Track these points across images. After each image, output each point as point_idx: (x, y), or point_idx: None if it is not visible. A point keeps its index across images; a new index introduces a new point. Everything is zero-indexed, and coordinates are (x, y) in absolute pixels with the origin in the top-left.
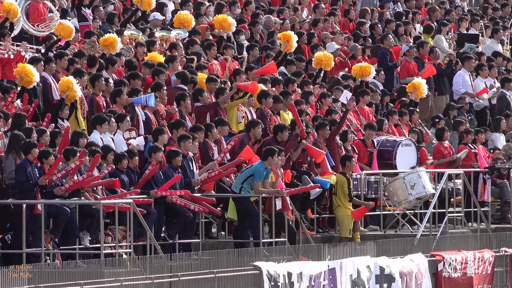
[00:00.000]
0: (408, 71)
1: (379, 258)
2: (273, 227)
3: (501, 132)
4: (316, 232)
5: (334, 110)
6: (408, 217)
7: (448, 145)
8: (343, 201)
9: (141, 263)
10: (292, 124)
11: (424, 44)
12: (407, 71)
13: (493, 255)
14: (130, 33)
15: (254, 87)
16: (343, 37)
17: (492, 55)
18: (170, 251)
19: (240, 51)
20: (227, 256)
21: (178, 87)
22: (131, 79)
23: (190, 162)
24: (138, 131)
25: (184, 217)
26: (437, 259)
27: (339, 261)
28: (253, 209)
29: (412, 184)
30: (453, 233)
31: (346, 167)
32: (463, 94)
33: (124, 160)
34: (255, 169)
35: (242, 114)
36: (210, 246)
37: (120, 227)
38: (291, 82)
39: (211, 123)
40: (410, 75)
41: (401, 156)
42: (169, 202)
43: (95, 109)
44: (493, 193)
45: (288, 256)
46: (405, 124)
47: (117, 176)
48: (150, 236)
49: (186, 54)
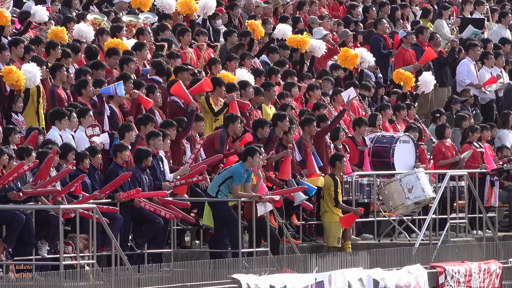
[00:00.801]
0: (405, 60)
1: (372, 270)
2: (254, 235)
3: (510, 129)
4: (302, 241)
5: (323, 105)
6: (405, 224)
7: (451, 144)
8: (331, 206)
9: (105, 275)
10: (274, 120)
11: (423, 29)
12: (403, 60)
13: (500, 267)
14: (93, 18)
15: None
16: (332, 22)
17: (500, 42)
18: (138, 262)
19: (216, 37)
20: (202, 268)
21: (152, 78)
22: (93, 69)
23: (160, 162)
24: (103, 127)
25: (154, 224)
26: (437, 271)
27: (328, 273)
28: (231, 215)
29: (409, 186)
30: (455, 241)
31: (336, 168)
32: (467, 86)
33: (86, 159)
34: (234, 170)
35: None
36: (183, 257)
37: (81, 236)
38: (274, 72)
39: (184, 118)
40: (406, 64)
41: (399, 154)
42: (137, 207)
43: (57, 103)
44: (501, 197)
45: (271, 267)
46: (402, 120)
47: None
48: (116, 245)
49: (156, 41)
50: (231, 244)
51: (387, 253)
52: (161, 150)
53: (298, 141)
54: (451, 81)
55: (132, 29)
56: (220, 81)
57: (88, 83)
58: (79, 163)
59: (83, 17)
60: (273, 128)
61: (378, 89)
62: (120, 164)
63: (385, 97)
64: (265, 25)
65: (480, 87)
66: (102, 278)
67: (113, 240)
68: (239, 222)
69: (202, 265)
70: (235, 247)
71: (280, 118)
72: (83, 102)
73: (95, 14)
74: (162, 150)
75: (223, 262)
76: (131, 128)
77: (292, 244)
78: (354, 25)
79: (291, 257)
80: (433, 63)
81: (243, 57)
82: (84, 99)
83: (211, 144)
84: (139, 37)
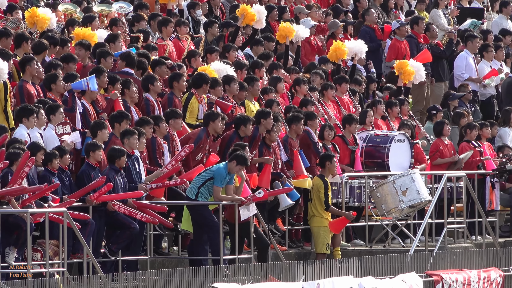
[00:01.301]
0: (398, 52)
1: (364, 278)
2: (237, 240)
3: (511, 127)
4: (288, 247)
5: (310, 101)
6: (399, 229)
7: (449, 142)
8: (319, 209)
9: (77, 284)
10: (258, 117)
11: (419, 20)
12: (397, 52)
13: (501, 275)
14: (65, 8)
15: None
16: (320, 12)
17: (500, 34)
18: (111, 270)
19: (196, 28)
20: (180, 276)
21: (123, 71)
22: (64, 62)
23: (135, 162)
24: (75, 124)
25: (129, 229)
26: (434, 279)
27: (316, 281)
28: (211, 220)
29: (404, 189)
30: (453, 248)
31: (326, 169)
32: (466, 80)
33: (55, 159)
34: (216, 171)
35: (205, 107)
36: (160, 264)
37: (51, 242)
38: (258, 66)
39: (160, 116)
40: (401, 57)
41: (394, 155)
42: (110, 211)
43: (26, 99)
44: (502, 200)
45: (255, 276)
46: (395, 117)
47: (46, 179)
48: (88, 252)
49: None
50: (212, 251)
51: (380, 260)
52: (136, 149)
53: (284, 140)
54: (449, 76)
55: (104, 19)
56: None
57: (58, 77)
58: (47, 164)
59: (54, 7)
60: (256, 126)
61: (369, 84)
62: (92, 165)
63: (377, 92)
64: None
65: (479, 82)
66: (73, 287)
67: (85, 246)
68: (221, 227)
69: (180, 273)
70: (216, 253)
71: (264, 116)
72: (53, 98)
73: (66, 4)
74: (137, 149)
75: (203, 270)
76: (104, 126)
77: (277, 250)
78: (344, 15)
79: (277, 265)
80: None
81: (227, 49)
82: (54, 95)
83: (187, 142)
84: (112, 28)
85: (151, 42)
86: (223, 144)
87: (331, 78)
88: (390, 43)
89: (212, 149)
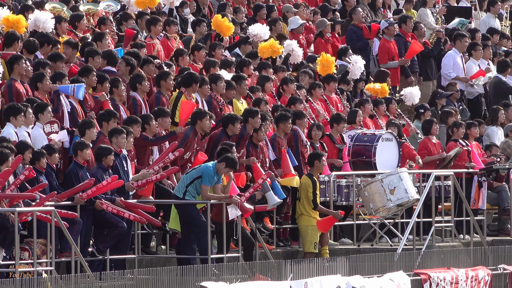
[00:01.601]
0: (389, 53)
1: (352, 277)
2: (224, 240)
3: (499, 126)
4: (276, 246)
5: (298, 99)
6: (387, 228)
7: (437, 141)
8: (308, 208)
9: (65, 283)
10: (246, 116)
11: (407, 19)
12: (388, 53)
13: (489, 274)
14: (52, 7)
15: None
16: (308, 11)
17: (488, 32)
18: (99, 269)
19: (184, 27)
20: (168, 275)
21: (105, 69)
22: (52, 61)
23: (123, 161)
24: (63, 123)
25: (117, 228)
26: (422, 278)
27: (304, 280)
28: (199, 219)
29: (391, 187)
30: (441, 247)
31: (315, 168)
32: (454, 79)
33: (43, 158)
34: (204, 170)
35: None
36: (148, 263)
37: (39, 240)
38: (246, 64)
39: (149, 114)
40: (391, 57)
41: (381, 153)
42: (98, 210)
43: (15, 98)
44: (489, 199)
45: (242, 274)
46: (383, 115)
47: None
48: (76, 251)
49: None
50: (200, 250)
51: (368, 259)
52: (124, 148)
53: (271, 139)
54: (436, 75)
55: (90, 18)
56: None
57: (44, 76)
58: (35, 162)
59: (42, 5)
60: (244, 124)
61: (357, 82)
62: (80, 164)
63: (365, 91)
64: (237, 14)
65: (466, 81)
66: (61, 286)
67: (73, 245)
68: (208, 226)
69: (168, 272)
70: (204, 253)
71: (252, 115)
72: (39, 97)
73: (54, 3)
74: (125, 148)
75: (191, 269)
76: (92, 125)
77: (265, 249)
78: (332, 14)
79: (264, 263)
80: (417, 55)
81: (213, 47)
82: (41, 94)
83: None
84: (100, 27)
85: (139, 40)
86: (211, 143)
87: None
88: (379, 44)
89: (199, 148)
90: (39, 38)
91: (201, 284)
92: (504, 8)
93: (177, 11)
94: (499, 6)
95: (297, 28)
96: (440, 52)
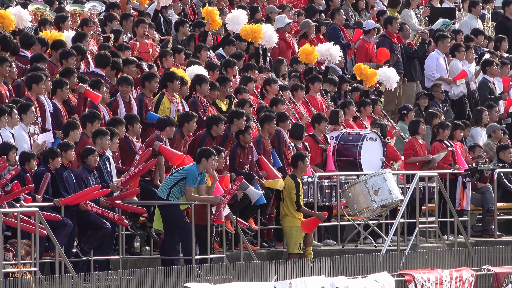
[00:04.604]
0: (367, 54)
1: (336, 278)
2: (208, 241)
3: (483, 126)
4: (260, 247)
5: (281, 100)
6: (371, 229)
7: (423, 142)
8: (291, 209)
9: (49, 284)
10: (231, 117)
11: (392, 20)
12: (366, 54)
13: (473, 274)
14: (35, 8)
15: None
16: (293, 12)
17: (472, 34)
18: (84, 269)
19: (168, 28)
20: (152, 276)
21: (92, 71)
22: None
23: (107, 162)
24: (45, 125)
25: (101, 229)
26: (406, 279)
27: (288, 281)
28: (183, 220)
29: (376, 188)
30: (425, 247)
31: (298, 169)
32: (437, 80)
33: (33, 160)
34: (188, 171)
35: (176, 106)
36: (132, 264)
37: (23, 241)
38: (230, 65)
39: (135, 115)
40: (369, 58)
41: (366, 153)
42: (82, 210)
43: None
44: (474, 200)
45: (227, 275)
46: (367, 117)
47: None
48: (60, 252)
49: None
50: (184, 251)
51: (352, 260)
52: (108, 150)
53: (256, 140)
54: (421, 76)
55: (76, 19)
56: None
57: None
58: (25, 164)
59: (25, 6)
60: (228, 125)
61: (341, 84)
62: (65, 165)
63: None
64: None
65: (450, 82)
66: (45, 286)
67: (57, 246)
68: (192, 227)
69: (152, 273)
70: (188, 254)
71: (237, 116)
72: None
73: (37, 4)
74: (109, 150)
75: (176, 269)
76: (76, 126)
77: (249, 250)
78: (319, 16)
79: (249, 264)
80: (402, 56)
81: (198, 49)
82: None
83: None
84: (83, 28)
85: (123, 41)
86: (196, 144)
87: (304, 78)
88: (358, 44)
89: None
90: (23, 39)
91: (185, 285)
92: (487, 8)
93: (161, 12)
94: (480, 7)
95: (283, 27)
96: (425, 53)
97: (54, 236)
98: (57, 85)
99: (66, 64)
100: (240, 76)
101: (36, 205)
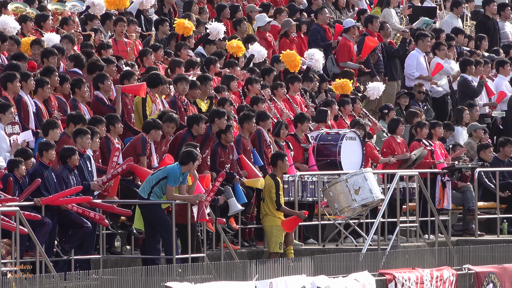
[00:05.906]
0: (349, 53)
1: (317, 277)
2: (189, 240)
3: (464, 126)
4: (241, 246)
5: (261, 99)
6: (351, 228)
7: (402, 140)
8: (272, 209)
9: (29, 283)
10: (212, 116)
11: (373, 18)
12: (348, 53)
13: (454, 274)
14: (14, 7)
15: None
16: (273, 10)
17: (452, 32)
18: (64, 269)
19: (148, 27)
20: (133, 275)
21: (72, 71)
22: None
23: (87, 161)
24: (28, 124)
25: (82, 228)
26: (387, 278)
27: (269, 280)
28: (164, 219)
29: (356, 188)
30: (406, 247)
31: (278, 168)
32: (417, 79)
33: (21, 165)
34: (170, 171)
35: (158, 106)
36: (113, 263)
37: (4, 241)
38: (212, 62)
39: (115, 115)
40: (350, 58)
41: (346, 153)
42: (63, 210)
43: None
44: (454, 199)
45: (207, 275)
46: (348, 115)
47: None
48: (40, 251)
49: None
50: (165, 250)
51: (332, 259)
52: (89, 149)
53: (236, 139)
54: (401, 75)
55: (58, 18)
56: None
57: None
58: (13, 170)
59: (4, 5)
60: (209, 125)
61: (321, 83)
62: (46, 164)
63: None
64: (201, 15)
65: (430, 80)
66: (26, 286)
67: (38, 245)
68: (173, 227)
69: (133, 272)
70: (169, 253)
71: (219, 115)
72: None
73: (16, 3)
74: (90, 149)
75: (156, 269)
76: (56, 125)
77: (230, 249)
78: (300, 15)
79: (229, 264)
80: (383, 55)
81: (178, 47)
82: (10, 94)
83: (133, 149)
84: (63, 27)
85: (102, 40)
86: (177, 143)
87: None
88: (339, 42)
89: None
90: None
91: (166, 284)
92: (466, 7)
93: (141, 11)
94: (462, 7)
95: (263, 26)
96: (405, 52)
97: (29, 233)
98: (38, 84)
99: (47, 63)
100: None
101: (17, 205)
